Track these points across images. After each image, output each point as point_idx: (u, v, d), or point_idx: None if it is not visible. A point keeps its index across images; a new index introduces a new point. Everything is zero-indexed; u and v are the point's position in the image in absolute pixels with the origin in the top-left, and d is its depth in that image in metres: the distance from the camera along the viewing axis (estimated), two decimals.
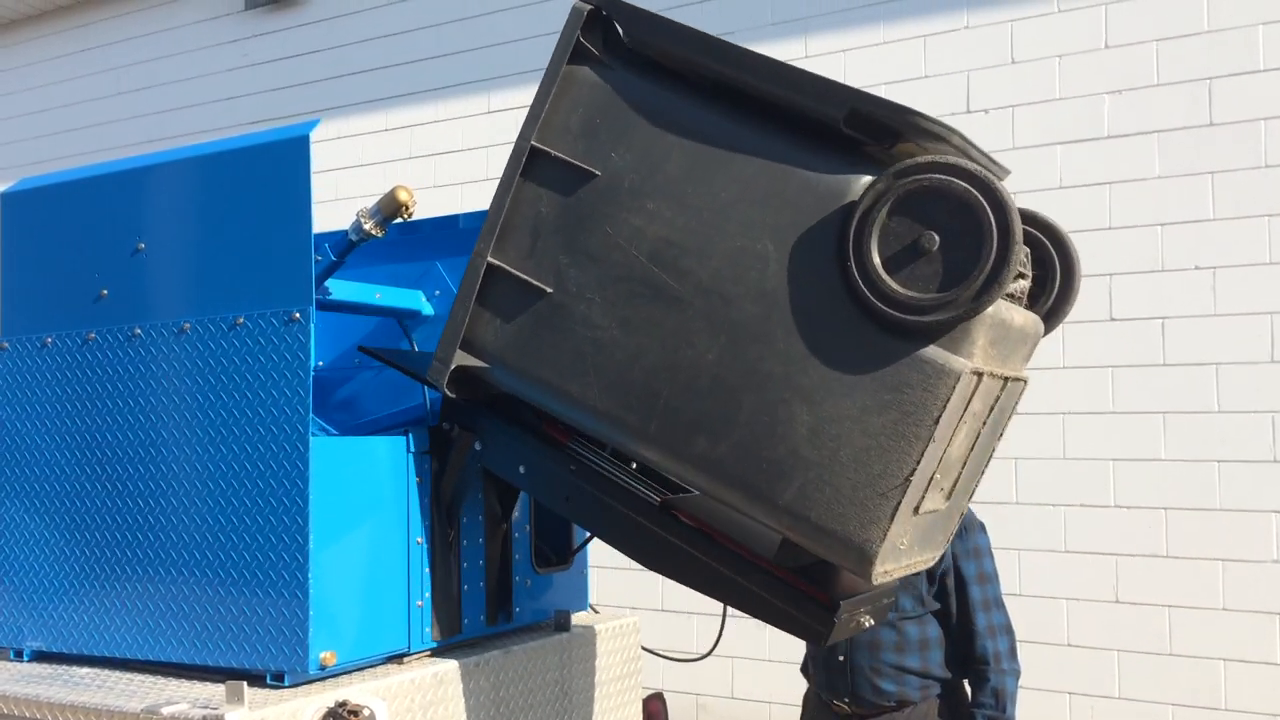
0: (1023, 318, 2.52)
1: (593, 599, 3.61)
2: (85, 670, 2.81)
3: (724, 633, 3.47)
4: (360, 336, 3.43)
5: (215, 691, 2.54)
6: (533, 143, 2.59)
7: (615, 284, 2.49)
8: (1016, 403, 2.70)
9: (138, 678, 2.72)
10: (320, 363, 3.38)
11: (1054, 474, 5.15)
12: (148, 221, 2.84)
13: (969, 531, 3.33)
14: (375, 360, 3.18)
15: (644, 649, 3.57)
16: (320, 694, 2.53)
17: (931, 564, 2.73)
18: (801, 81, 2.37)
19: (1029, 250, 2.58)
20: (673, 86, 2.53)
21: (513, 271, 2.61)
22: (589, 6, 2.57)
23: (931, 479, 2.33)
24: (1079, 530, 5.09)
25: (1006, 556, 5.04)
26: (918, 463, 2.21)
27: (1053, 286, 2.69)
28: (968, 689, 3.34)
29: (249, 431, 2.63)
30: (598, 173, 2.53)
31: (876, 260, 2.24)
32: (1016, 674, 3.28)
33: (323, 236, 2.88)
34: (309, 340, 2.60)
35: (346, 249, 3.04)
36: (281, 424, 2.60)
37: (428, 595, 2.88)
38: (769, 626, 2.64)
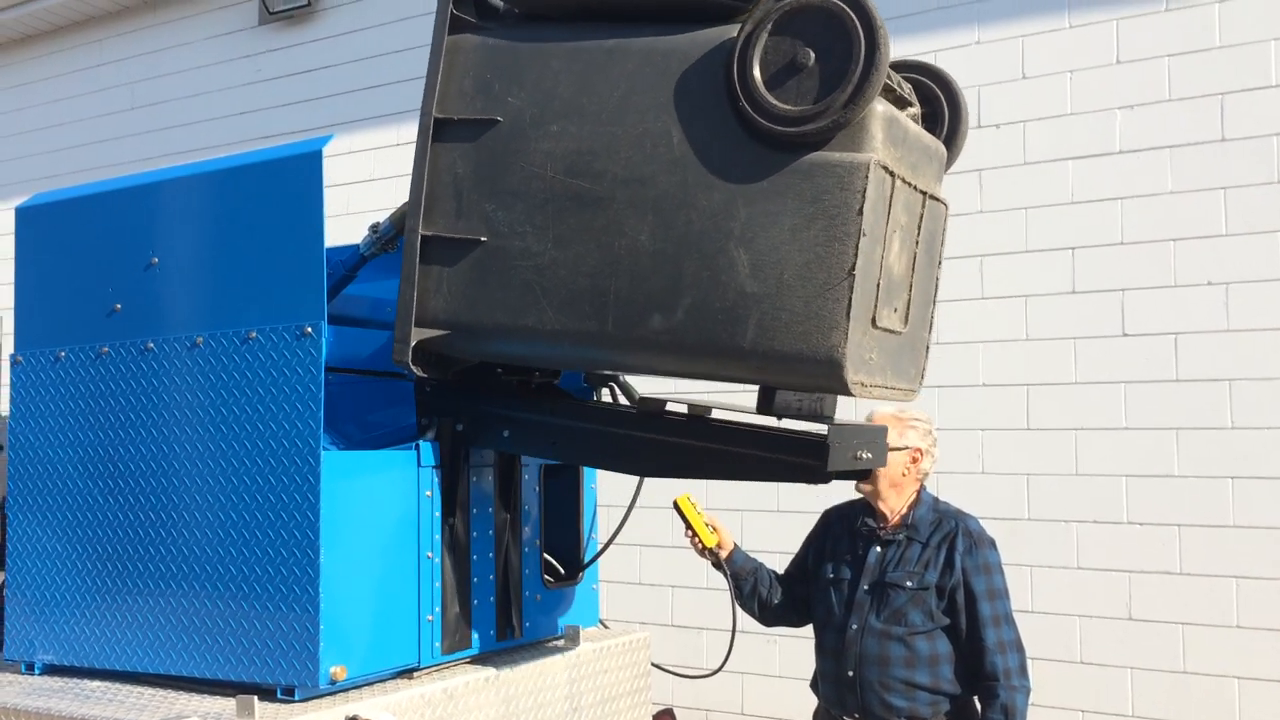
0: (921, 130, 2.73)
1: (603, 614, 3.61)
2: (96, 684, 2.81)
3: (734, 648, 3.46)
4: (372, 350, 3.44)
5: (226, 705, 2.54)
6: (435, 115, 2.75)
7: (542, 209, 2.64)
8: (945, 228, 2.92)
9: (148, 691, 2.72)
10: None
11: (1066, 490, 5.12)
12: (161, 236, 2.85)
13: (978, 547, 3.32)
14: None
15: (654, 665, 3.56)
16: (330, 708, 2.54)
17: (912, 397, 2.88)
18: None
19: (914, 84, 2.88)
20: (545, 25, 2.74)
21: (446, 235, 2.73)
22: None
23: (878, 287, 2.48)
24: (1091, 547, 5.06)
25: (1018, 573, 5.02)
26: (855, 257, 2.36)
27: (943, 123, 2.94)
28: (977, 705, 3.32)
29: (260, 445, 2.64)
30: (500, 119, 2.70)
31: (759, 80, 2.42)
32: (1027, 691, 3.26)
33: (334, 251, 2.89)
34: (320, 354, 2.61)
35: (358, 264, 3.05)
36: (293, 437, 2.61)
37: (438, 610, 2.88)
38: (779, 642, 2.64)
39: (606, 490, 3.64)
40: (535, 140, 2.65)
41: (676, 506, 3.56)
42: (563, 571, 3.44)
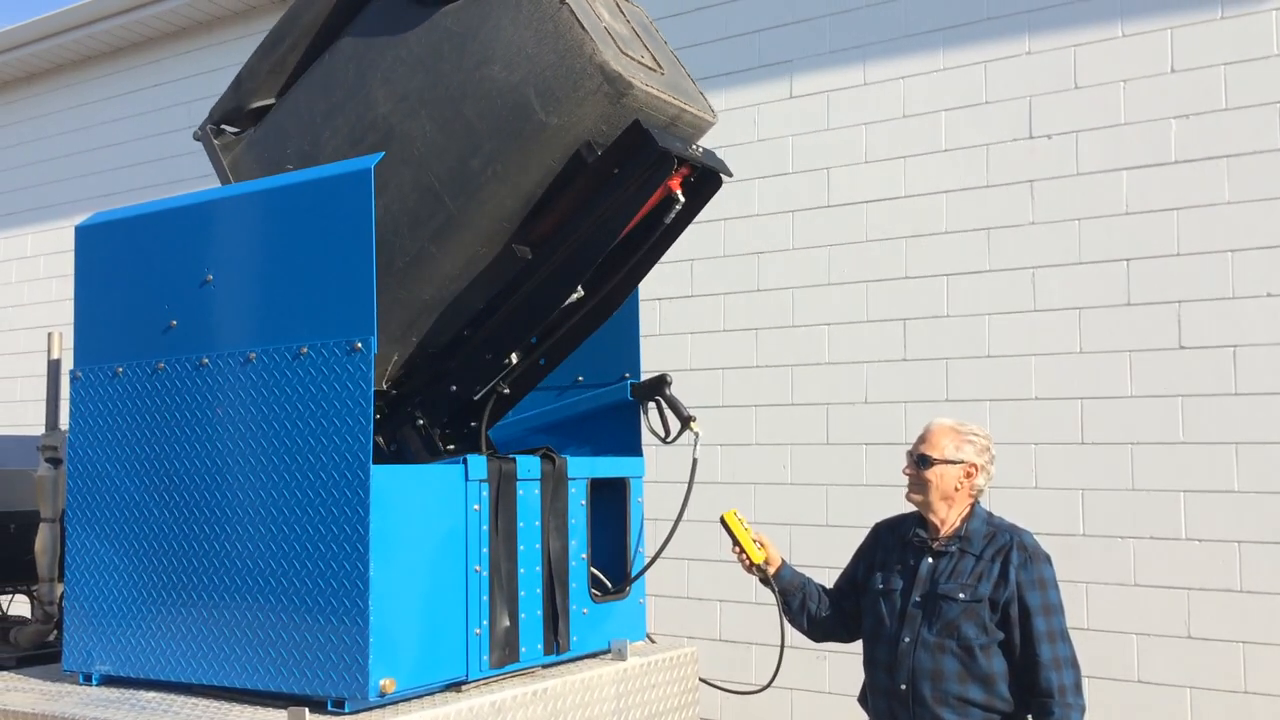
0: None
1: (650, 628, 3.60)
2: (152, 695, 2.85)
3: (782, 663, 3.44)
4: None
5: (278, 717, 2.56)
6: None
7: None
8: (656, 28, 3.31)
9: (202, 702, 2.76)
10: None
11: (1123, 506, 5.04)
12: (215, 253, 2.90)
13: (1034, 561, 3.27)
14: None
15: (702, 680, 3.55)
16: None
17: (709, 118, 3.18)
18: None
19: None
20: (275, 96, 3.31)
21: None
22: (207, 127, 3.41)
23: (608, 31, 2.88)
24: (1149, 563, 4.97)
25: (1074, 590, 4.94)
26: None
27: None
28: None
29: (311, 459, 2.67)
30: (290, 166, 3.17)
31: None
32: (1082, 709, 3.20)
33: None
34: (370, 369, 2.63)
35: None
36: (343, 451, 2.63)
37: (485, 623, 2.89)
38: (828, 658, 2.62)
39: (653, 503, 3.64)
40: (321, 153, 3.13)
41: (723, 522, 3.55)
42: (610, 585, 3.44)
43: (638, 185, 3.00)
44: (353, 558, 2.59)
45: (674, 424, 3.44)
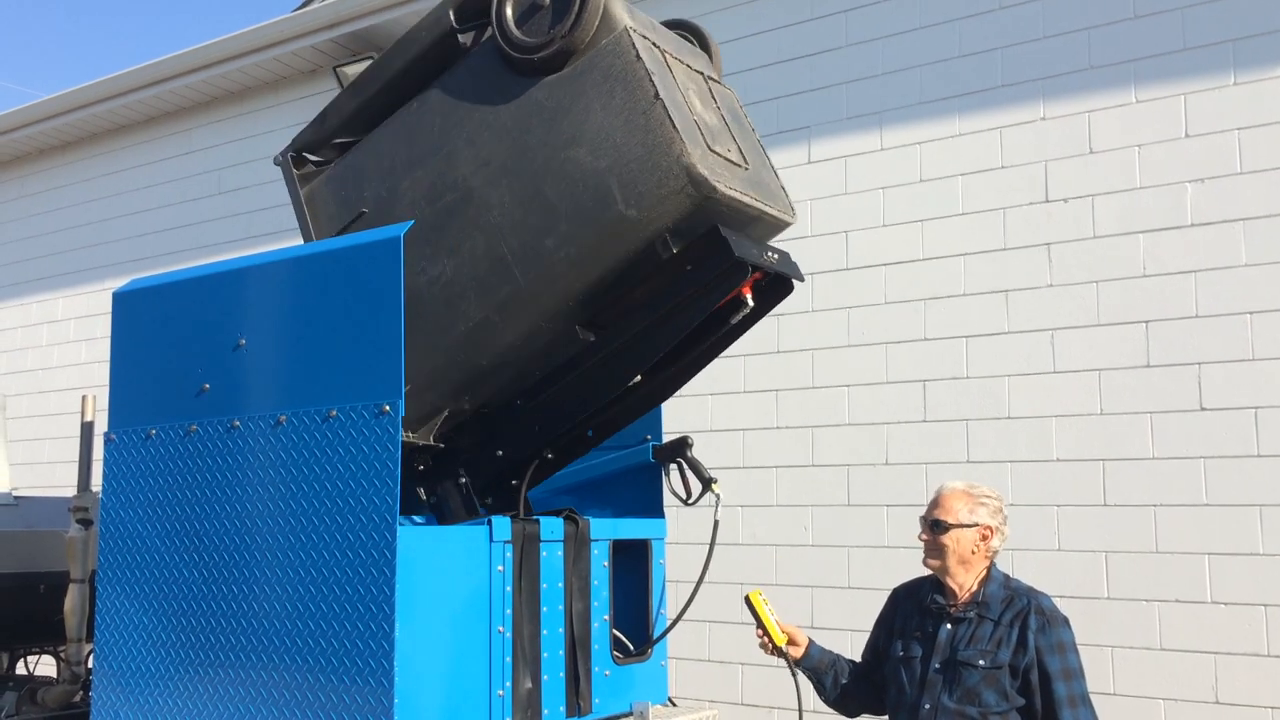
0: (679, 37, 3.29)
1: (671, 691, 3.59)
2: None
3: None
4: None
5: None
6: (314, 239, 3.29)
7: (426, 240, 3.04)
8: (743, 108, 3.33)
9: None
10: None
11: (1147, 568, 5.01)
12: (248, 318, 2.98)
13: (1052, 625, 3.26)
14: None
15: None
16: None
17: (789, 218, 3.18)
18: (413, 35, 3.20)
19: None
20: (359, 134, 3.32)
21: None
22: (289, 154, 3.40)
23: (697, 124, 2.89)
24: (1175, 627, 4.93)
25: (1099, 654, 4.90)
26: (655, 87, 2.81)
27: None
28: None
29: (339, 520, 2.71)
30: (365, 210, 3.20)
31: (511, 22, 2.99)
32: None
33: None
34: (398, 431, 2.68)
35: None
36: (370, 513, 2.67)
37: (509, 684, 2.90)
38: None
39: (674, 565, 3.66)
40: (397, 202, 3.13)
41: (748, 602, 3.50)
42: (632, 647, 3.45)
43: (709, 287, 2.99)
44: (379, 619, 2.62)
45: (695, 486, 3.46)
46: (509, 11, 3.00)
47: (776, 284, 3.22)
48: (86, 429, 4.02)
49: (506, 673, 2.90)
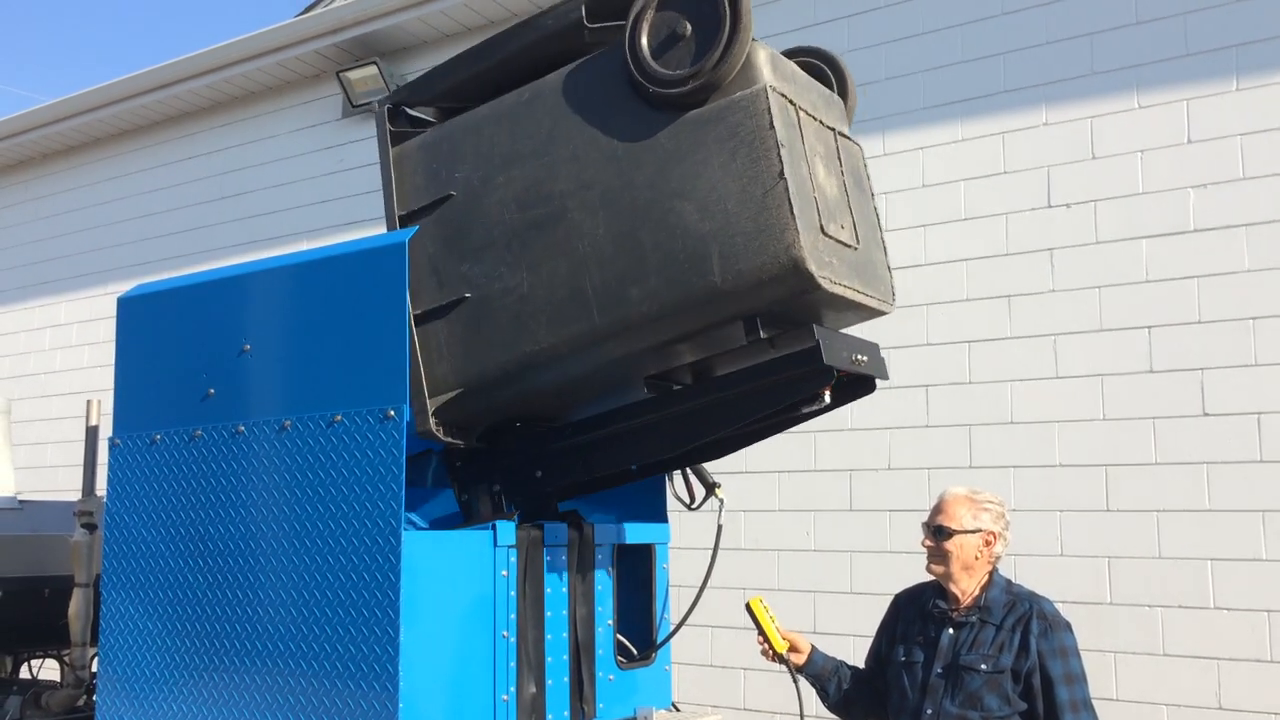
0: (813, 80, 3.02)
1: (674, 696, 3.59)
2: None
3: None
4: None
5: None
6: (398, 213, 3.06)
7: (509, 248, 2.88)
8: (866, 166, 3.14)
9: None
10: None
11: (1149, 574, 5.01)
12: (253, 324, 2.98)
13: (1054, 630, 3.26)
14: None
15: None
16: None
17: (886, 308, 2.99)
18: (538, 20, 2.98)
19: (802, 65, 3.12)
20: (464, 104, 3.08)
21: (433, 306, 2.94)
22: (386, 106, 3.15)
23: (816, 201, 2.69)
24: (1178, 633, 4.92)
25: (1101, 659, 4.90)
26: (781, 164, 2.59)
27: (833, 88, 3.18)
28: None
29: (344, 525, 2.72)
30: (453, 193, 2.99)
31: (646, 52, 2.74)
32: None
33: None
34: (402, 436, 2.69)
35: None
36: (375, 518, 2.68)
37: (513, 690, 2.91)
38: None
39: (677, 569, 3.66)
40: (488, 196, 2.94)
41: (748, 609, 3.50)
42: (635, 652, 3.45)
43: (789, 379, 2.84)
44: (383, 623, 2.62)
45: (699, 490, 3.47)
46: (644, 40, 2.74)
47: (858, 381, 3.05)
48: (91, 433, 4.03)
49: (511, 678, 2.90)
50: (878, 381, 3.11)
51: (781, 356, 2.81)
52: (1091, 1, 5.46)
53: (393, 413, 2.70)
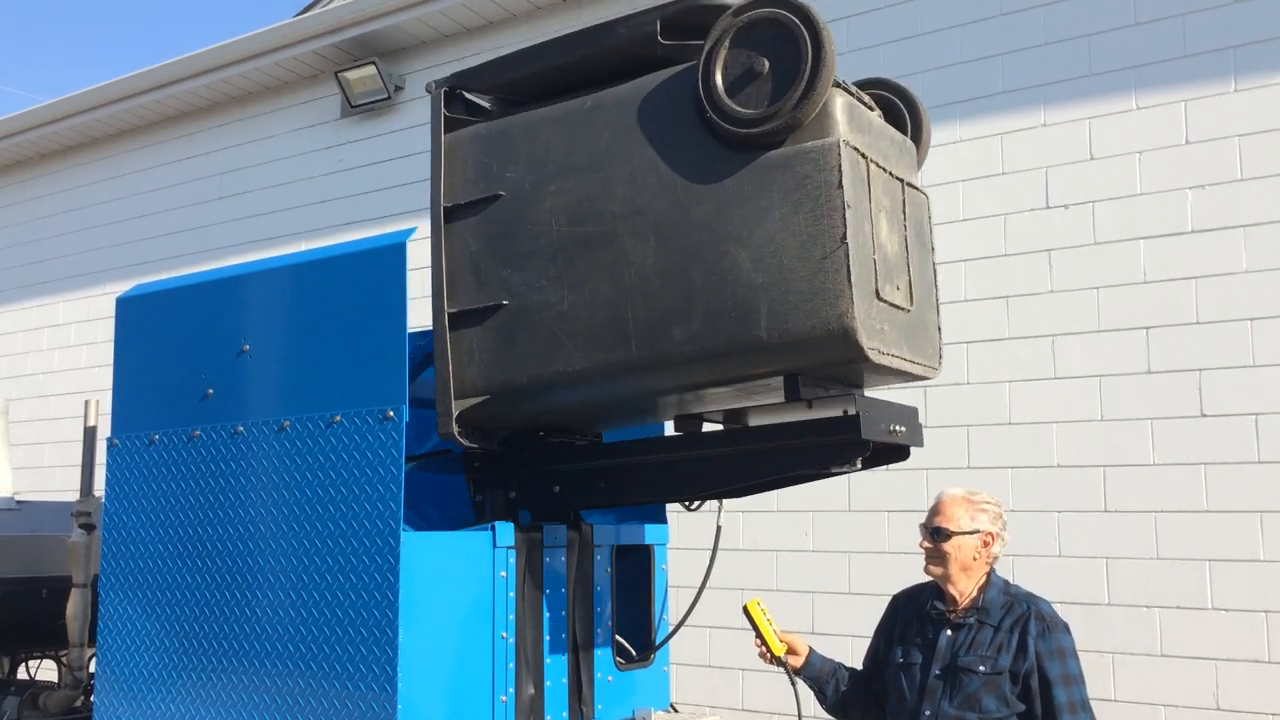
0: (886, 125, 2.92)
1: (673, 697, 3.59)
2: None
3: None
4: None
5: None
6: (444, 205, 2.95)
7: (553, 261, 2.79)
8: (930, 217, 3.05)
9: None
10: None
11: (1148, 574, 5.01)
12: (252, 324, 2.98)
13: (1052, 631, 3.26)
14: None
15: None
16: None
17: (931, 374, 2.91)
18: (611, 27, 2.85)
19: (875, 98, 3.03)
20: (525, 106, 2.97)
21: (471, 308, 2.87)
22: (442, 89, 3.01)
23: (875, 263, 2.60)
24: (1176, 633, 4.93)
25: (1099, 660, 4.90)
26: (845, 227, 2.50)
27: (906, 127, 3.08)
28: None
29: (343, 526, 2.72)
30: (502, 193, 2.89)
31: (721, 89, 2.62)
32: None
33: (416, 335, 2.99)
34: (401, 437, 2.69)
35: None
36: (374, 518, 2.68)
37: (512, 690, 2.91)
38: None
39: (677, 570, 3.66)
40: (538, 202, 2.84)
41: (746, 612, 3.49)
42: (634, 653, 3.45)
43: (825, 445, 2.78)
44: (382, 624, 2.62)
45: None
46: (719, 74, 2.62)
47: (893, 447, 2.96)
48: (89, 433, 4.02)
49: (510, 678, 2.90)
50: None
51: (819, 419, 2.75)
52: (1090, 2, 5.46)
53: (392, 413, 2.70)
